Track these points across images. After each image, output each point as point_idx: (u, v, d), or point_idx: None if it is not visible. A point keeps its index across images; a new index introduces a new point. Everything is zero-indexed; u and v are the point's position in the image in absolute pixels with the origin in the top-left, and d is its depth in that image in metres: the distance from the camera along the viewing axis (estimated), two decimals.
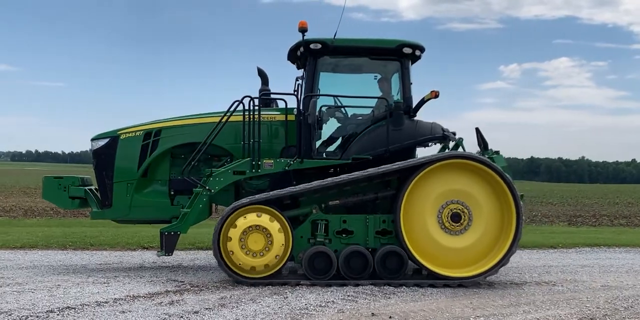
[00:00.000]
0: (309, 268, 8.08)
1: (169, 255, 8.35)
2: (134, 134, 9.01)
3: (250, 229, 7.92)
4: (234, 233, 7.89)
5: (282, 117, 8.80)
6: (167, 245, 8.29)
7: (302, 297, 7.24)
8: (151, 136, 8.96)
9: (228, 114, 8.50)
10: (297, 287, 7.83)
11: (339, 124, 9.17)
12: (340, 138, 9.07)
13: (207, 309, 6.57)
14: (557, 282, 8.68)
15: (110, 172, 8.94)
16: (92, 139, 9.20)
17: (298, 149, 8.54)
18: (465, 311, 6.68)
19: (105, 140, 9.07)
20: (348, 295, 7.40)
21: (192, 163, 8.63)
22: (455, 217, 8.27)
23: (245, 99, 8.48)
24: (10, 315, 6.10)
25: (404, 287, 7.99)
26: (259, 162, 8.42)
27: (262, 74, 9.23)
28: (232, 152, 8.85)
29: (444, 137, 8.82)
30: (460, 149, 8.93)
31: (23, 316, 6.07)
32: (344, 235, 8.37)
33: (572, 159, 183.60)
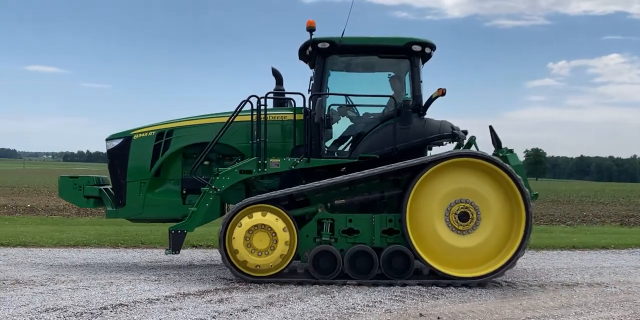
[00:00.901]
0: (314, 267, 8.08)
1: (175, 253, 8.48)
2: (146, 134, 9.11)
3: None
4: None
5: (293, 117, 8.78)
6: (174, 243, 8.41)
7: (349, 297, 7.25)
8: (163, 136, 9.04)
9: (236, 113, 8.55)
10: (344, 287, 7.84)
11: (350, 123, 9.16)
12: (351, 137, 9.05)
13: (255, 307, 6.65)
14: (609, 284, 8.48)
15: (124, 171, 9.06)
16: (107, 139, 9.33)
17: (305, 148, 8.54)
18: (515, 313, 6.59)
19: (119, 141, 9.20)
20: (395, 295, 7.38)
21: (203, 162, 8.76)
22: (463, 217, 8.15)
23: (253, 98, 8.52)
24: (65, 311, 6.28)
25: (452, 287, 7.93)
26: (265, 161, 8.46)
27: (276, 73, 9.27)
28: (242, 151, 8.87)
29: (452, 135, 8.72)
30: (473, 148, 8.85)
31: (77, 312, 6.23)
32: (350, 234, 8.33)
33: (623, 157, 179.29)
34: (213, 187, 8.41)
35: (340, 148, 9.01)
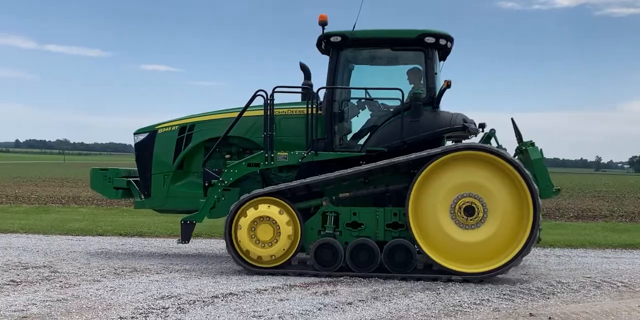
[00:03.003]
0: (316, 259, 8.08)
1: (185, 243, 8.78)
2: (170, 128, 9.38)
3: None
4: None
5: (312, 110, 8.67)
6: (184, 233, 8.73)
7: (455, 294, 7.16)
8: (185, 130, 9.27)
9: (245, 108, 8.67)
10: (450, 283, 7.75)
11: (368, 117, 9.07)
12: (367, 131, 8.94)
13: (360, 300, 6.68)
14: None
15: (149, 164, 9.40)
16: (134, 133, 9.69)
17: (314, 141, 8.52)
18: (632, 315, 6.26)
19: (145, 135, 9.54)
20: (504, 294, 7.20)
21: (224, 156, 9.07)
22: (469, 211, 7.89)
23: (265, 92, 8.56)
24: (179, 299, 6.56)
25: (564, 286, 7.65)
26: (272, 155, 8.51)
27: (304, 68, 9.30)
28: (261, 145, 8.84)
29: (463, 128, 8.43)
30: (492, 141, 8.61)
31: (191, 300, 6.50)
32: (355, 227, 8.25)
33: None
34: (221, 179, 8.60)
35: (355, 141, 8.98)
